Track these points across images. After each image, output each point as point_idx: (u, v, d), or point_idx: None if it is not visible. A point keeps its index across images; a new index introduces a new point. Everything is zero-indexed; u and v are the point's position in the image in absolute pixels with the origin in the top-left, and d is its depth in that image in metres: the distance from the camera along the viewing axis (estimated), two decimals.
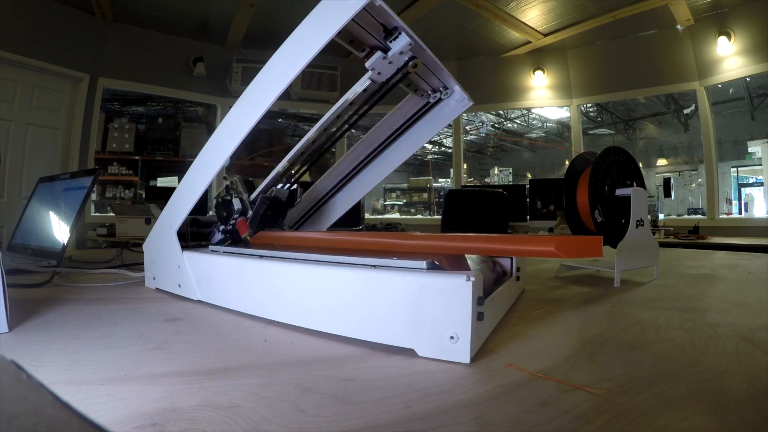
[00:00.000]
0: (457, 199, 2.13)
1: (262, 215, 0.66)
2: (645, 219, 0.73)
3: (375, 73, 0.55)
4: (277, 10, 3.43)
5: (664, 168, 6.75)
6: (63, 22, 3.32)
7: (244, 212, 0.66)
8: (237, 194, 0.66)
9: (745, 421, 0.24)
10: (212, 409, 0.26)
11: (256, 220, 0.65)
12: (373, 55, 0.52)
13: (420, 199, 6.34)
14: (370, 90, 0.58)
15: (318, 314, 0.42)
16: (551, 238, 0.36)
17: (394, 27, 0.50)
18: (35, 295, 0.60)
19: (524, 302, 0.58)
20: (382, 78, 0.56)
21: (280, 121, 5.77)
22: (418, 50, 0.54)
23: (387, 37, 0.51)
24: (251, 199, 0.67)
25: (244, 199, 0.66)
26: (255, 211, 0.66)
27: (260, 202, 0.66)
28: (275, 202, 0.68)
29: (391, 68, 0.55)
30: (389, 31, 0.51)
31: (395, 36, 0.51)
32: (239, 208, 0.65)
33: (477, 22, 3.73)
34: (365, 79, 0.55)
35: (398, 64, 0.55)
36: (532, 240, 0.38)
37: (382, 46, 0.52)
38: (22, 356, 0.35)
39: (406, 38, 0.51)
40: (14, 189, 3.20)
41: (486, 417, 0.25)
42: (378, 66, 0.54)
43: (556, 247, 0.35)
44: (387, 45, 0.52)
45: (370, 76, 0.55)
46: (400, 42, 0.51)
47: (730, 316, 0.49)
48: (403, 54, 0.53)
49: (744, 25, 3.30)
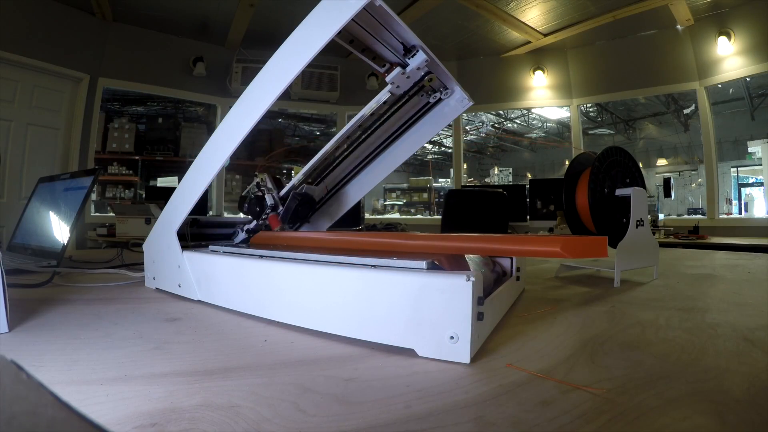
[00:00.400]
0: (457, 199, 2.13)
1: (293, 210, 0.68)
2: (645, 219, 0.72)
3: (394, 87, 0.61)
4: (277, 10, 3.43)
5: (664, 168, 6.76)
6: (63, 22, 3.31)
7: (275, 208, 0.70)
8: (268, 191, 0.69)
9: (745, 421, 0.24)
10: (212, 409, 0.26)
11: (288, 215, 0.68)
12: (393, 71, 0.58)
13: (420, 199, 6.34)
14: (389, 102, 0.65)
15: (318, 314, 0.42)
16: (556, 239, 0.36)
17: (413, 45, 0.56)
18: (35, 295, 0.60)
19: (524, 302, 0.58)
20: (399, 91, 0.63)
21: (280, 121, 5.77)
22: (433, 65, 0.59)
23: (406, 54, 0.57)
24: (281, 195, 0.71)
25: (275, 195, 0.70)
26: (287, 206, 0.70)
27: (293, 198, 0.70)
28: (306, 198, 0.71)
29: (408, 82, 0.61)
30: (408, 49, 0.56)
31: (413, 54, 0.56)
32: (272, 203, 0.69)
33: (477, 22, 3.73)
34: (385, 92, 0.62)
35: (415, 78, 0.61)
36: (536, 240, 0.38)
37: (401, 62, 0.58)
38: (22, 356, 0.35)
39: (423, 55, 0.56)
40: (14, 189, 3.20)
41: (486, 417, 0.25)
42: (397, 80, 0.59)
43: (562, 247, 0.34)
44: (405, 61, 0.57)
45: (390, 89, 0.61)
46: (417, 59, 0.56)
47: (730, 316, 0.49)
48: (419, 69, 0.59)
49: (744, 25, 3.30)
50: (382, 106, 0.64)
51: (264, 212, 0.69)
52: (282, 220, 0.69)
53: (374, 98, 0.63)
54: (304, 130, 6.31)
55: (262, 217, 0.70)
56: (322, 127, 6.18)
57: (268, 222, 0.69)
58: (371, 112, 0.64)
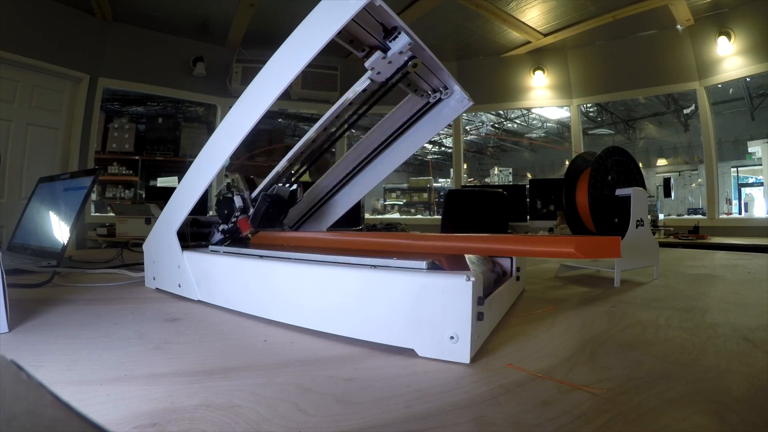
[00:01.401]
0: (457, 199, 2.13)
1: (263, 213, 0.65)
2: (645, 219, 0.72)
3: (374, 73, 0.55)
4: (277, 10, 3.43)
5: (664, 168, 6.76)
6: (63, 22, 3.31)
7: (246, 210, 0.65)
8: (238, 192, 0.66)
9: (745, 421, 0.24)
10: (212, 409, 0.26)
11: (258, 217, 0.65)
12: (373, 55, 0.52)
13: (420, 199, 6.34)
14: (370, 90, 0.58)
15: (318, 314, 0.42)
16: (570, 239, 0.36)
17: (394, 27, 0.50)
18: (35, 295, 0.60)
19: (524, 302, 0.58)
20: (381, 78, 0.56)
21: (280, 121, 5.77)
22: (417, 50, 0.54)
23: (386, 37, 0.51)
24: (252, 197, 0.67)
25: (246, 196, 0.66)
26: (257, 208, 0.65)
27: (262, 200, 0.65)
28: (277, 200, 0.67)
29: (390, 68, 0.55)
30: (389, 31, 0.51)
31: (395, 36, 0.51)
32: (240, 205, 0.65)
33: (477, 22, 3.73)
34: (365, 78, 0.55)
35: (398, 63, 0.55)
36: (549, 241, 0.37)
37: (381, 46, 0.52)
38: (22, 356, 0.35)
39: (405, 38, 0.50)
40: (14, 189, 3.20)
41: (486, 417, 0.25)
42: (377, 66, 0.53)
43: (576, 248, 0.34)
44: (386, 45, 0.52)
45: (370, 75, 0.55)
46: (399, 42, 0.51)
47: (730, 316, 0.49)
48: (402, 54, 0.53)
49: (744, 25, 3.30)
50: (361, 95, 0.58)
51: (233, 215, 0.65)
52: (251, 223, 0.65)
53: (351, 87, 0.57)
54: (304, 130, 6.31)
55: (231, 219, 0.65)
56: None
57: (238, 225, 0.65)
58: (349, 103, 0.59)
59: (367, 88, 0.56)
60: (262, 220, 0.66)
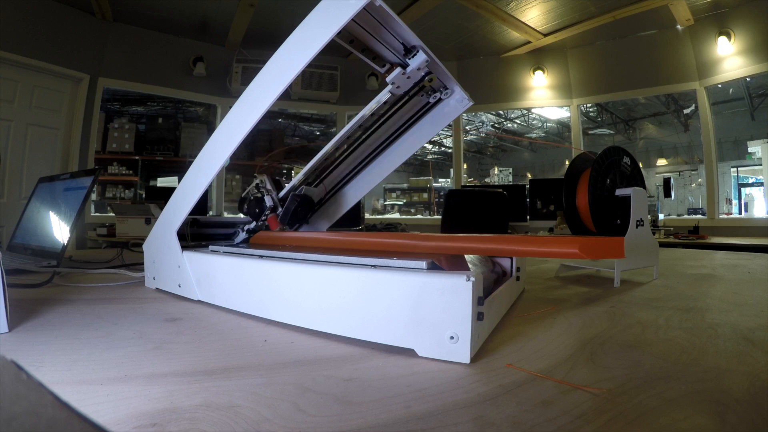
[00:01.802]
0: (457, 199, 2.13)
1: (292, 212, 0.69)
2: (645, 219, 0.72)
3: (394, 87, 0.60)
4: (277, 10, 3.43)
5: (664, 168, 6.76)
6: (63, 22, 3.32)
7: (274, 209, 0.70)
8: (267, 192, 0.69)
9: (745, 421, 0.24)
10: (212, 409, 0.26)
11: (288, 216, 0.68)
12: (394, 71, 0.58)
13: (420, 199, 6.34)
14: (389, 102, 0.65)
15: (318, 314, 0.42)
16: (574, 240, 0.35)
17: (413, 45, 0.56)
18: (35, 295, 0.60)
19: (524, 302, 0.58)
20: (400, 91, 0.62)
21: (280, 121, 5.77)
22: (433, 66, 0.59)
23: (406, 54, 0.56)
24: (280, 197, 0.71)
25: (274, 197, 0.70)
26: (286, 207, 0.69)
27: (291, 199, 0.70)
28: (305, 200, 0.71)
29: (408, 82, 0.61)
30: (408, 49, 0.56)
31: (414, 54, 0.56)
32: (271, 204, 0.70)
33: (477, 22, 3.73)
34: (386, 92, 0.61)
35: (415, 78, 0.61)
36: (554, 241, 0.37)
37: (401, 63, 0.57)
38: (22, 356, 0.35)
39: (423, 56, 0.56)
40: (14, 189, 3.20)
41: (486, 417, 0.25)
42: (397, 81, 0.59)
43: (580, 248, 0.34)
44: (406, 61, 0.57)
45: (390, 89, 0.60)
46: (418, 59, 0.56)
47: (730, 316, 0.49)
48: (420, 70, 0.58)
49: (744, 25, 3.30)
50: (382, 107, 0.64)
51: (263, 213, 0.70)
52: (281, 222, 0.69)
53: (374, 98, 0.63)
54: (304, 130, 6.31)
55: (261, 218, 0.70)
56: (322, 127, 6.18)
57: (267, 223, 0.69)
58: (371, 113, 0.64)
59: (387, 100, 0.63)
60: (291, 219, 0.69)
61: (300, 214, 0.71)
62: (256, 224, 0.71)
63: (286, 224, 0.70)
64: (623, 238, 0.37)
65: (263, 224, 0.70)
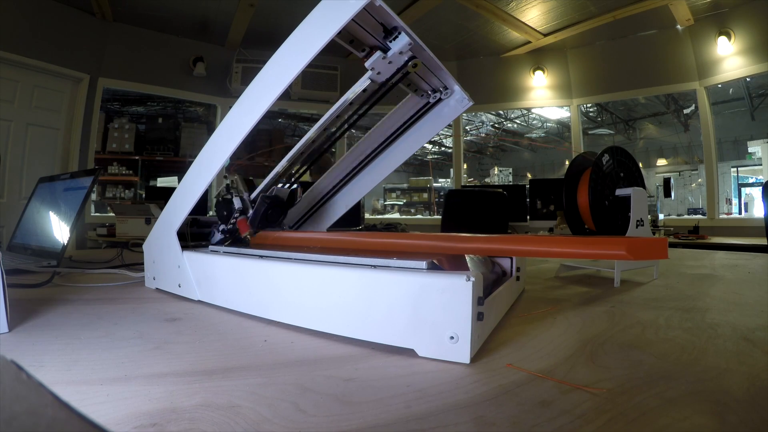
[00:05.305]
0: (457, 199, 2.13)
1: (262, 214, 0.66)
2: (645, 219, 0.72)
3: (375, 73, 0.55)
4: (277, 10, 3.43)
5: (664, 168, 6.76)
6: (63, 22, 3.32)
7: (245, 211, 0.66)
8: (237, 193, 0.66)
9: (745, 421, 0.24)
10: (212, 409, 0.26)
11: (257, 219, 0.65)
12: (373, 55, 0.52)
13: (420, 199, 6.34)
14: (370, 90, 0.58)
15: (318, 314, 0.42)
16: (620, 240, 0.35)
17: (394, 27, 0.50)
18: (35, 295, 0.60)
19: (524, 302, 0.58)
20: (381, 78, 0.57)
21: (280, 121, 5.77)
22: (417, 50, 0.54)
23: (387, 37, 0.51)
24: (251, 198, 0.67)
25: (245, 198, 0.66)
26: (255, 210, 0.66)
27: (261, 201, 0.66)
28: (276, 201, 0.67)
29: (390, 68, 0.55)
30: (389, 31, 0.51)
31: (395, 36, 0.51)
32: (240, 207, 0.65)
33: (477, 22, 3.73)
34: (365, 78, 0.55)
35: (398, 64, 0.55)
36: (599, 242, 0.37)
37: (381, 46, 0.52)
38: (22, 356, 0.35)
39: (405, 38, 0.51)
40: (14, 189, 3.20)
41: (486, 417, 0.25)
42: (378, 66, 0.54)
43: (627, 250, 0.34)
44: (387, 45, 0.52)
45: (370, 75, 0.55)
46: (399, 42, 0.51)
47: (730, 316, 0.49)
48: (402, 54, 0.53)
49: (744, 25, 3.30)
50: (362, 95, 0.58)
51: (232, 216, 0.65)
52: (251, 224, 0.65)
53: (351, 87, 0.57)
54: (304, 130, 6.31)
55: (231, 221, 0.66)
56: None
57: (237, 226, 0.65)
58: (349, 103, 0.59)
59: (367, 88, 0.56)
60: (261, 221, 0.66)
61: (271, 216, 0.67)
62: (225, 227, 0.66)
63: (257, 227, 0.65)
64: (666, 239, 0.36)
65: (233, 227, 0.66)
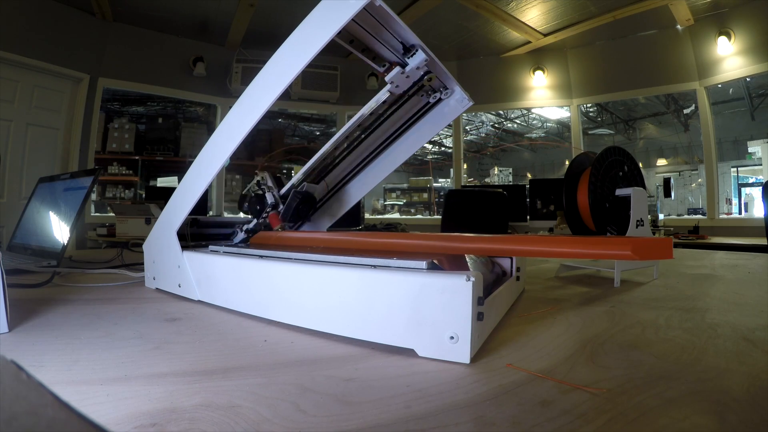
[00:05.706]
0: (457, 199, 2.13)
1: (294, 209, 0.68)
2: (645, 219, 0.72)
3: (393, 86, 0.60)
4: (277, 10, 3.43)
5: (664, 168, 6.75)
6: (63, 22, 3.32)
7: (276, 206, 0.69)
8: (268, 189, 0.68)
9: (745, 421, 0.24)
10: (212, 409, 0.26)
11: (289, 213, 0.69)
12: (393, 70, 0.57)
13: (420, 199, 6.34)
14: (388, 101, 0.64)
15: (318, 314, 0.42)
16: (626, 240, 0.35)
17: (412, 45, 0.56)
18: (35, 295, 0.60)
19: (524, 302, 0.58)
20: (399, 90, 0.62)
21: (280, 121, 5.77)
22: (432, 65, 0.59)
23: (405, 54, 0.56)
24: (281, 194, 0.71)
25: (276, 194, 0.69)
26: (287, 204, 0.69)
27: (293, 196, 0.69)
28: (307, 196, 0.71)
29: (407, 81, 0.61)
30: (407, 48, 0.56)
31: (413, 53, 0.56)
32: (272, 202, 0.69)
33: (477, 22, 3.73)
34: (384, 91, 0.61)
35: (414, 77, 0.60)
36: (603, 242, 0.37)
37: (400, 62, 0.57)
38: (22, 356, 0.35)
39: (422, 55, 0.56)
40: (14, 189, 3.20)
41: (486, 417, 0.25)
42: (396, 80, 0.59)
43: (633, 250, 0.34)
44: (405, 61, 0.57)
45: (389, 89, 0.60)
46: (417, 58, 0.56)
47: (730, 316, 0.49)
48: (419, 69, 0.58)
49: (744, 25, 3.30)
50: (381, 106, 0.64)
51: (264, 211, 0.69)
52: (282, 219, 0.69)
53: (373, 98, 0.63)
54: (304, 130, 6.30)
55: (263, 215, 0.69)
56: (322, 127, 6.18)
57: (269, 221, 0.69)
58: (371, 112, 0.64)
59: (386, 100, 0.63)
60: (292, 216, 0.68)
61: (302, 211, 0.70)
62: (257, 222, 0.70)
63: (288, 221, 0.69)
64: (671, 239, 0.36)
65: (264, 222, 0.70)
